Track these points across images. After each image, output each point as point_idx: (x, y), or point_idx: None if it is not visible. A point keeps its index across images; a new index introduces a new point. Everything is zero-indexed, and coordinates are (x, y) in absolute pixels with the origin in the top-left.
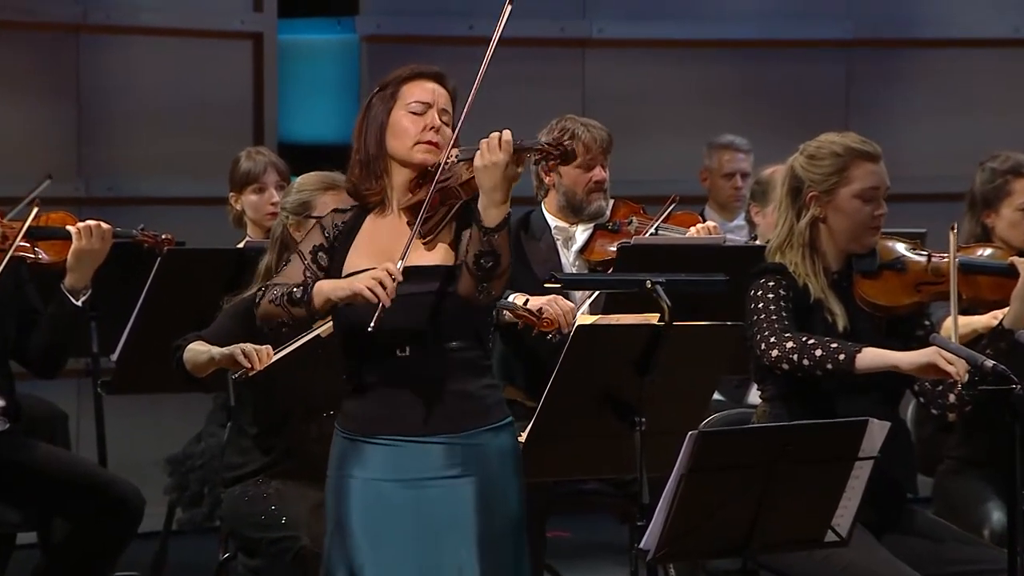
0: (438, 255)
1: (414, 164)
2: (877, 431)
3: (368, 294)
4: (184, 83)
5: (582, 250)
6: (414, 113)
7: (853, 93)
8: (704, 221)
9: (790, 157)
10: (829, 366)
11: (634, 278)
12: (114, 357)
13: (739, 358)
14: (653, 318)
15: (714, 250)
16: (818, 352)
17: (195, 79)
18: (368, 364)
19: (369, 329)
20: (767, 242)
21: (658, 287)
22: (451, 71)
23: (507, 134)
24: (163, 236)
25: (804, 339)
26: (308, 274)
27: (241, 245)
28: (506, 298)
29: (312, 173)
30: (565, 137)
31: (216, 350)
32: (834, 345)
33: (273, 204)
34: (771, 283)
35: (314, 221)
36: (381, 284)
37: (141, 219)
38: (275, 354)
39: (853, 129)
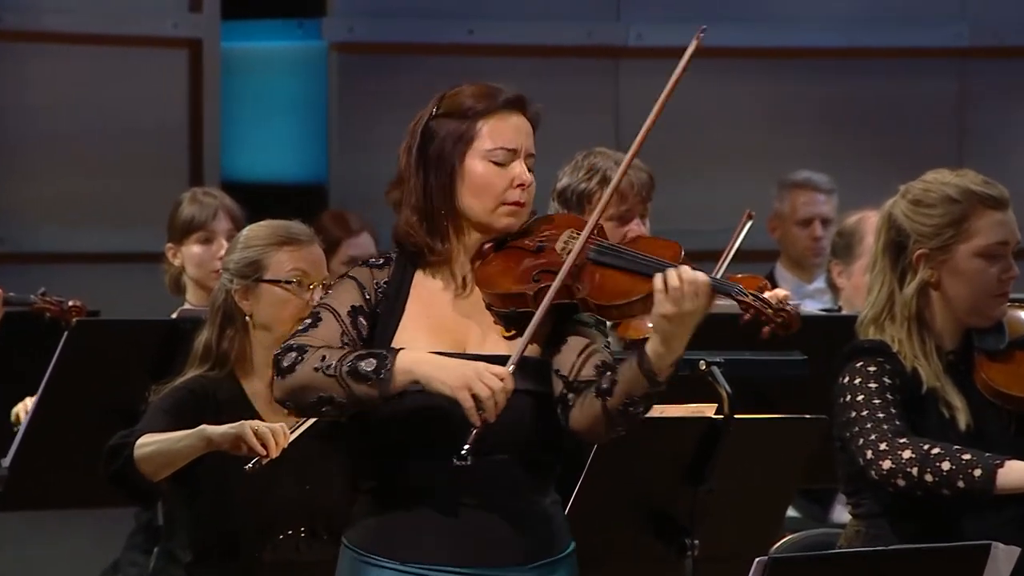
0: (516, 346)
1: (494, 229)
2: (1003, 559)
3: (470, 405)
4: (100, 104)
5: (615, 325)
6: (497, 163)
7: (968, 116)
8: (773, 286)
9: (886, 202)
10: (961, 484)
11: (684, 357)
12: (6, 462)
13: (821, 462)
14: (709, 409)
15: None
16: (946, 465)
17: (114, 99)
18: (413, 469)
19: (457, 460)
20: (858, 313)
21: (715, 369)
22: (448, 87)
23: (703, 279)
24: (71, 303)
25: (925, 447)
26: (346, 340)
27: (175, 315)
28: None
29: (262, 223)
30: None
31: (210, 431)
32: (966, 456)
33: (222, 259)
34: (872, 368)
35: (346, 277)
36: (492, 394)
37: (42, 281)
38: (291, 433)
39: (967, 162)
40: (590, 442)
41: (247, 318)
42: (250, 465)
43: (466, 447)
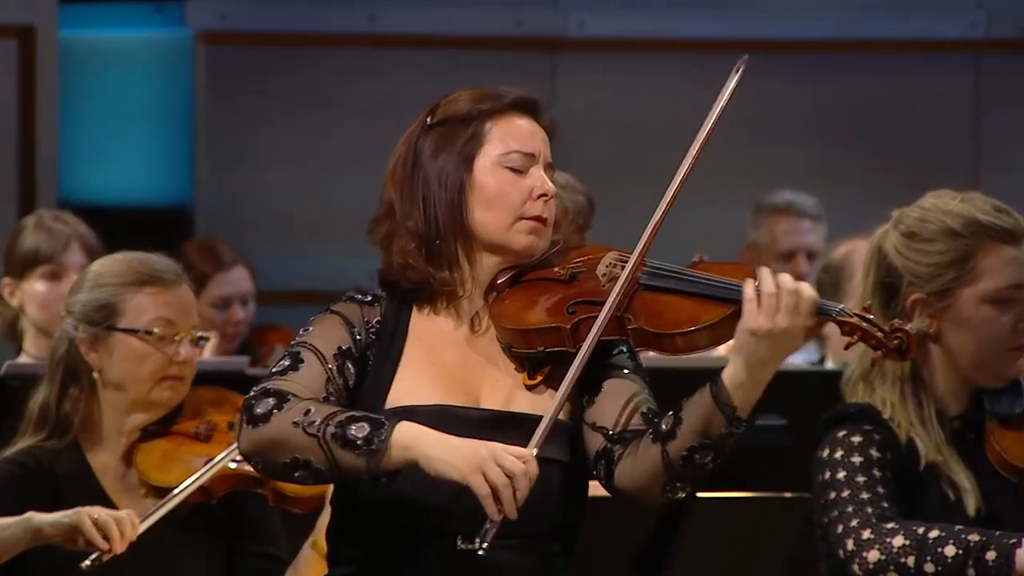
0: (544, 400)
1: (512, 251)
2: None
3: (486, 492)
4: None
5: None
6: (513, 170)
7: (985, 119)
8: None
9: (878, 230)
10: (971, 572)
11: None
12: None
13: (803, 550)
14: None
15: None
16: (950, 550)
17: None
18: (400, 557)
19: (463, 544)
20: (843, 366)
21: None
22: (345, 87)
23: (807, 290)
24: None
25: (920, 531)
26: (331, 389)
27: (2, 370)
28: None
29: (117, 257)
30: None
31: (38, 520)
32: (974, 537)
33: None
34: (857, 438)
35: (329, 312)
36: (511, 481)
37: None
38: (141, 523)
39: (985, 175)
40: (642, 504)
41: (95, 374)
42: (88, 562)
43: (483, 545)
